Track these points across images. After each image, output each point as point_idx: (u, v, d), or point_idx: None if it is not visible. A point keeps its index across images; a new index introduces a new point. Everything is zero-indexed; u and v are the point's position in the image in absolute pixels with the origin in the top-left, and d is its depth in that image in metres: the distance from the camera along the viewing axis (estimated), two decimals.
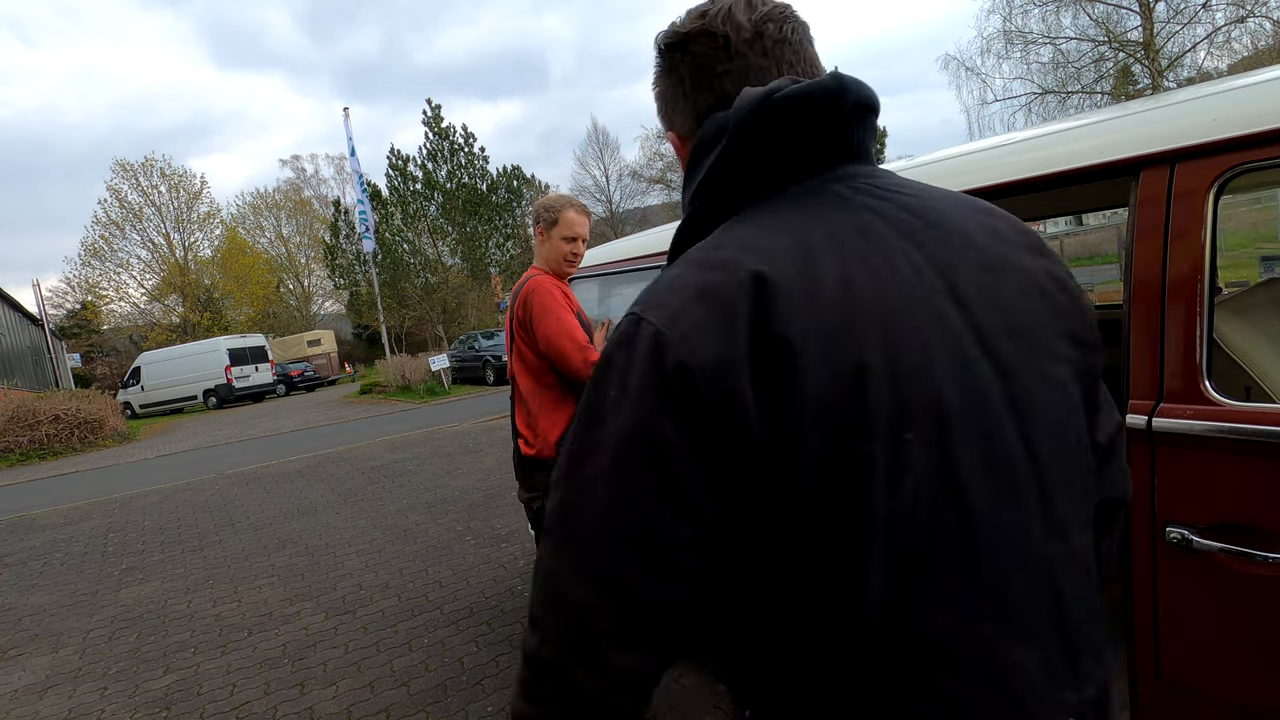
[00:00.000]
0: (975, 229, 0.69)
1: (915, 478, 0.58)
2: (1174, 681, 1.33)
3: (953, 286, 0.63)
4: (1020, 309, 0.66)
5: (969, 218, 0.70)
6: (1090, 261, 19.74)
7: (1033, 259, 0.70)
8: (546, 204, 2.46)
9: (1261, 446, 1.16)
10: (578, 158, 39.83)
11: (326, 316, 43.22)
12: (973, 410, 0.60)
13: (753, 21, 0.71)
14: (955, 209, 0.70)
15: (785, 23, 0.73)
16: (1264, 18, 15.31)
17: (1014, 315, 0.65)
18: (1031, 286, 0.68)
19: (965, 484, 0.59)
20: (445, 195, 27.71)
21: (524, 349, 2.36)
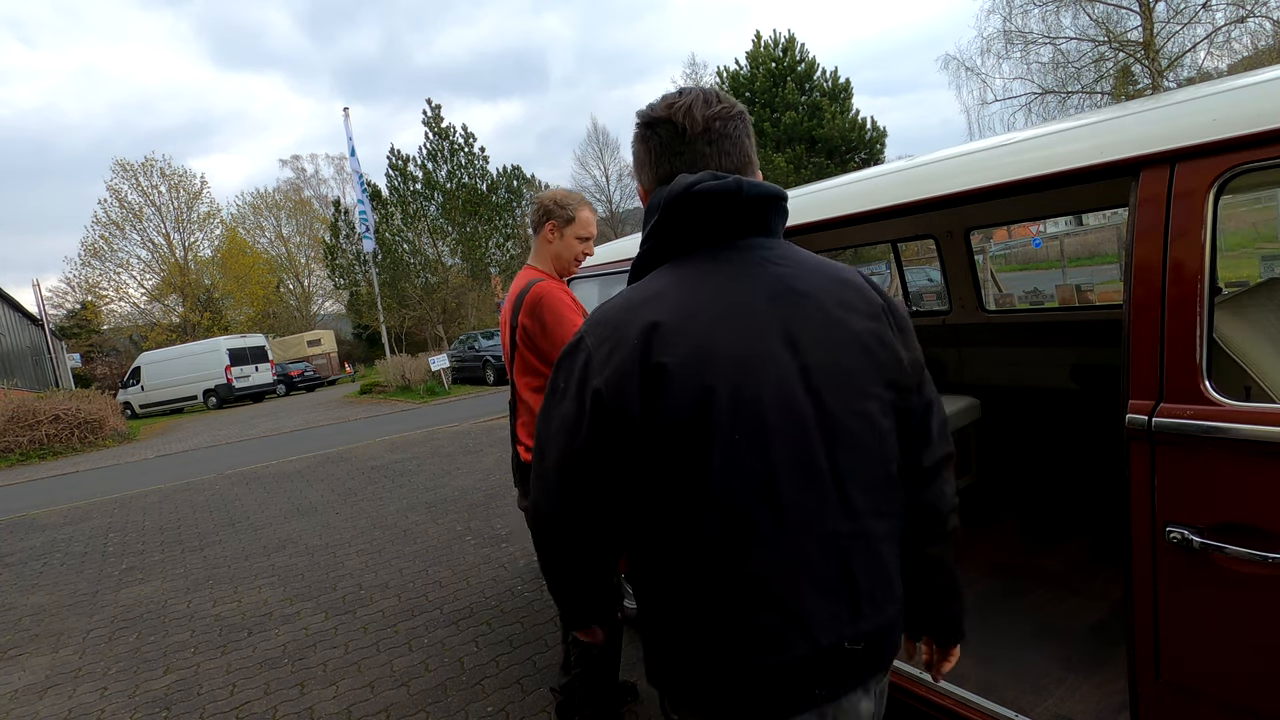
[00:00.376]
0: (826, 298, 0.97)
1: (739, 468, 0.90)
2: (1174, 681, 1.33)
3: (794, 340, 0.93)
4: (844, 360, 0.95)
5: (825, 288, 0.98)
6: (1090, 261, 19.74)
7: (866, 323, 0.98)
8: (559, 200, 2.26)
9: (1261, 446, 1.16)
10: (578, 158, 39.87)
11: (326, 316, 43.20)
12: (790, 427, 0.91)
13: (705, 118, 1.00)
14: (816, 280, 0.98)
15: (729, 121, 1.01)
16: (1264, 18, 15.31)
17: (838, 364, 0.94)
18: (857, 344, 0.96)
19: (777, 477, 0.91)
20: (445, 195, 27.70)
21: (531, 359, 2.16)
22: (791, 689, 0.94)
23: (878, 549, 0.98)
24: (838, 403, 0.94)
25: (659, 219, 0.99)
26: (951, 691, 1.81)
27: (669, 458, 0.91)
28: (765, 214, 1.00)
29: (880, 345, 0.98)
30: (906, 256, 13.74)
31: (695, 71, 42.87)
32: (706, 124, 1.00)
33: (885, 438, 0.98)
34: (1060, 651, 1.94)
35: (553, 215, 2.25)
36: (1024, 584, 2.36)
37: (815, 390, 0.93)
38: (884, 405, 0.98)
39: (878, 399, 0.97)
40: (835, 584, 0.94)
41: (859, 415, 0.95)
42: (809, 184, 2.51)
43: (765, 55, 25.20)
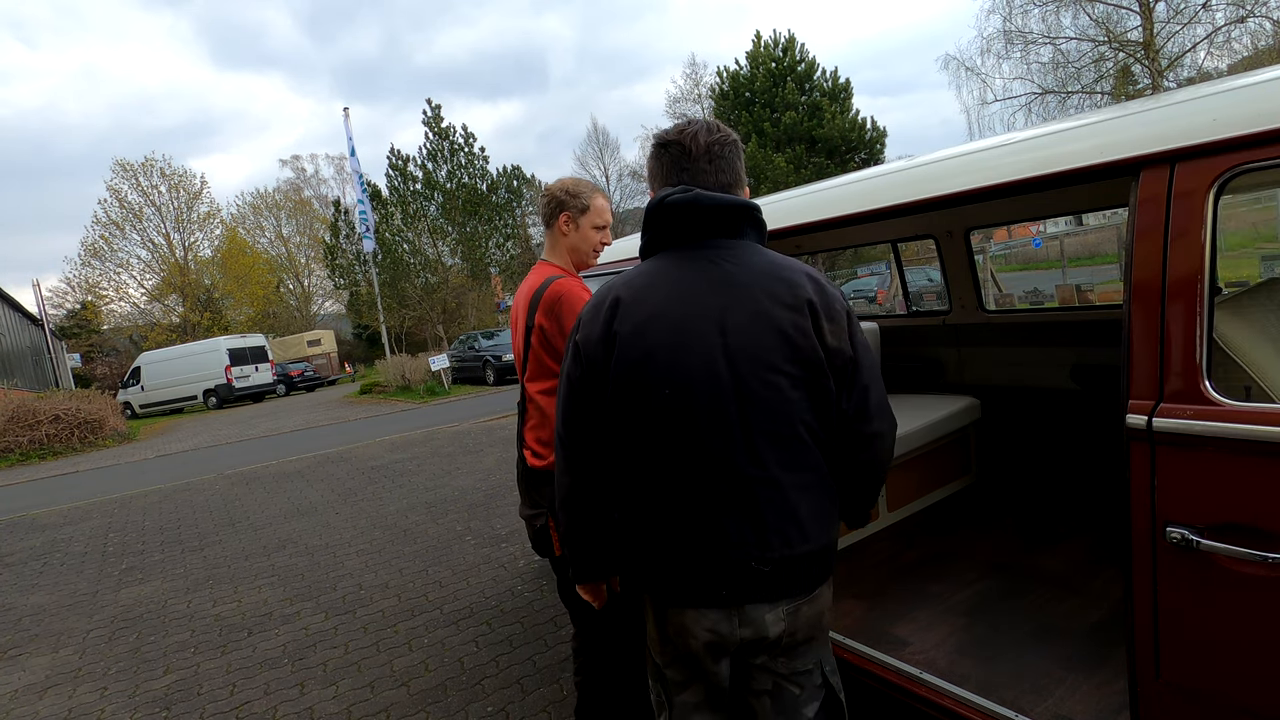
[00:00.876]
0: (758, 291, 1.24)
1: (668, 413, 1.24)
2: (1174, 681, 1.33)
3: (724, 323, 1.23)
4: (761, 340, 1.22)
5: (760, 284, 1.25)
6: (1090, 261, 19.75)
7: (788, 314, 1.23)
8: (571, 189, 2.12)
9: (1261, 446, 1.16)
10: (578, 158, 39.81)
11: (326, 316, 43.19)
12: (710, 387, 1.22)
13: (707, 144, 1.31)
14: (754, 277, 1.25)
15: (726, 146, 1.33)
16: (1264, 18, 15.31)
17: (756, 343, 1.22)
18: (775, 329, 1.22)
19: (698, 423, 1.23)
20: (445, 195, 27.72)
21: (546, 361, 2.00)
22: (704, 586, 1.27)
23: (786, 495, 1.25)
24: (751, 373, 1.22)
25: (644, 222, 1.33)
26: (951, 691, 1.81)
27: (621, 402, 1.28)
28: (727, 220, 1.29)
29: (797, 332, 1.23)
30: (906, 256, 13.74)
31: (695, 71, 42.90)
32: (709, 148, 1.31)
33: (793, 405, 1.24)
34: (1060, 651, 1.94)
35: (566, 206, 2.11)
36: (1024, 584, 2.36)
37: (733, 361, 1.22)
38: (794, 380, 1.23)
39: (787, 375, 1.23)
40: (745, 515, 1.24)
41: (768, 384, 1.22)
42: (809, 184, 2.51)
43: (765, 55, 25.19)
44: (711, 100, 28.42)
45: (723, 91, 26.42)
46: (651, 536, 1.30)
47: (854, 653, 2.06)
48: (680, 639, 1.33)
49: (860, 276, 24.04)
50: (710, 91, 28.96)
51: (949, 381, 3.59)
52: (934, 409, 3.06)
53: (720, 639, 1.29)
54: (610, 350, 1.27)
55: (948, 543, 2.75)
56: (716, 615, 1.27)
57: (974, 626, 2.13)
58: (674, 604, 1.31)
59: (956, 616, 2.20)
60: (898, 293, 16.71)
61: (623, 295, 1.28)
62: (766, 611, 1.27)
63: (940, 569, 2.54)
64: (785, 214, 2.18)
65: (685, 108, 33.07)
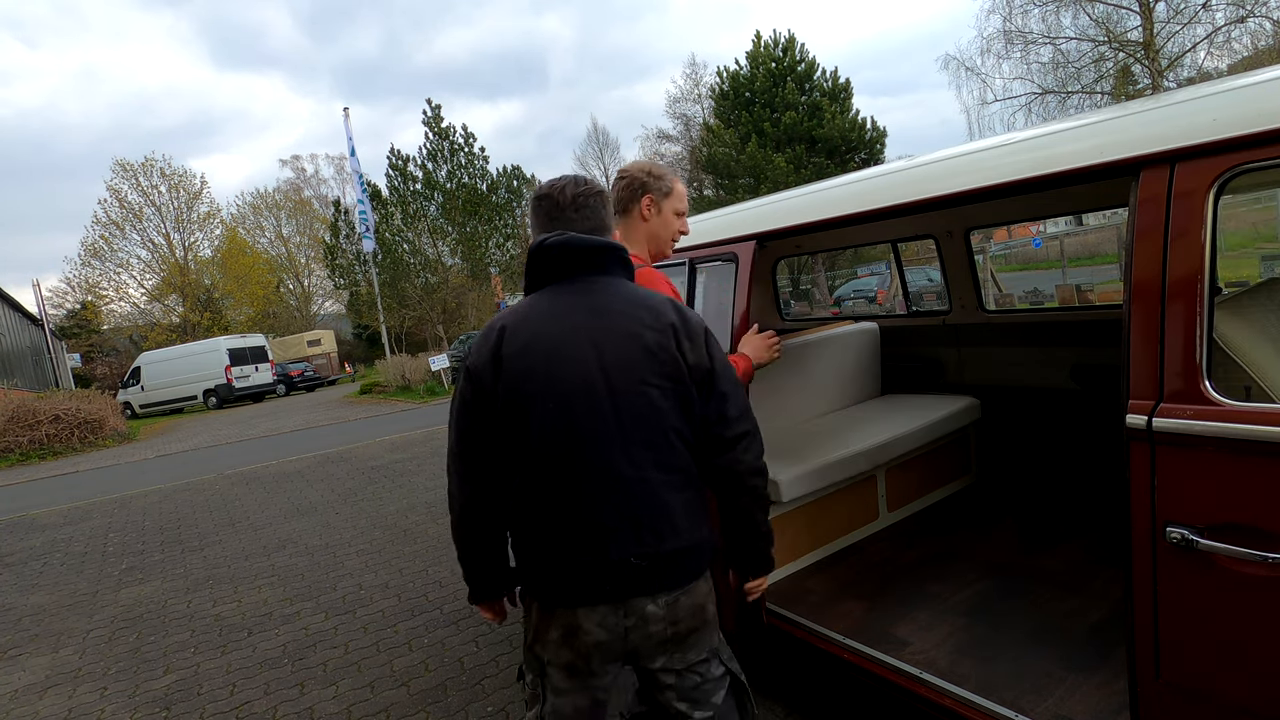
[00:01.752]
0: (625, 318, 1.41)
1: (550, 426, 1.36)
2: (1174, 681, 1.33)
3: (598, 343, 1.39)
4: (631, 358, 1.39)
5: (627, 311, 1.42)
6: (1090, 261, 19.74)
7: (653, 335, 1.40)
8: (654, 171, 1.92)
9: (1261, 446, 1.16)
10: (578, 158, 39.73)
11: (326, 316, 43.17)
12: (587, 400, 1.36)
13: (573, 195, 1.51)
14: (622, 306, 1.43)
15: (590, 197, 1.52)
16: (1264, 18, 15.30)
17: (627, 360, 1.38)
18: (642, 348, 1.39)
19: (579, 433, 1.36)
20: (445, 195, 27.68)
21: None
22: (589, 585, 1.39)
23: (657, 493, 1.39)
24: (624, 385, 1.38)
25: (526, 264, 1.49)
26: (951, 691, 1.81)
27: (508, 417, 1.40)
28: (596, 259, 1.47)
29: (661, 350, 1.40)
30: (906, 256, 13.74)
31: (695, 71, 42.84)
32: (574, 200, 1.51)
33: (663, 412, 1.40)
34: (1060, 651, 1.94)
35: (649, 189, 1.89)
36: (1024, 584, 2.36)
37: (608, 375, 1.38)
38: (663, 391, 1.40)
39: (656, 386, 1.40)
40: (622, 514, 1.37)
41: (639, 395, 1.38)
42: (809, 184, 2.51)
43: (765, 55, 25.19)
44: (711, 100, 28.42)
45: (723, 91, 26.41)
46: (542, 543, 1.42)
47: (854, 653, 2.06)
48: (572, 639, 1.42)
49: (860, 276, 24.06)
50: (710, 91, 28.96)
51: (949, 381, 3.59)
52: (934, 409, 3.06)
53: (609, 634, 1.41)
54: (498, 371, 1.40)
55: (948, 543, 2.75)
56: (605, 610, 1.40)
57: (974, 626, 2.13)
58: (565, 604, 1.41)
59: (956, 616, 2.20)
60: (898, 293, 16.72)
61: (508, 323, 1.44)
62: (648, 604, 1.41)
63: (940, 569, 2.54)
64: (785, 214, 2.18)
65: (685, 108, 33.05)
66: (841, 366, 3.36)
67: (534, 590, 1.46)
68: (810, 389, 3.19)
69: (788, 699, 2.48)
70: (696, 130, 31.07)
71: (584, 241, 1.45)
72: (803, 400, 3.17)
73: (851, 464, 2.67)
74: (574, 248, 1.45)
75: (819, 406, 3.28)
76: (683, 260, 2.51)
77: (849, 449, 2.69)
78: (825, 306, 22.10)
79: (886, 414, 3.09)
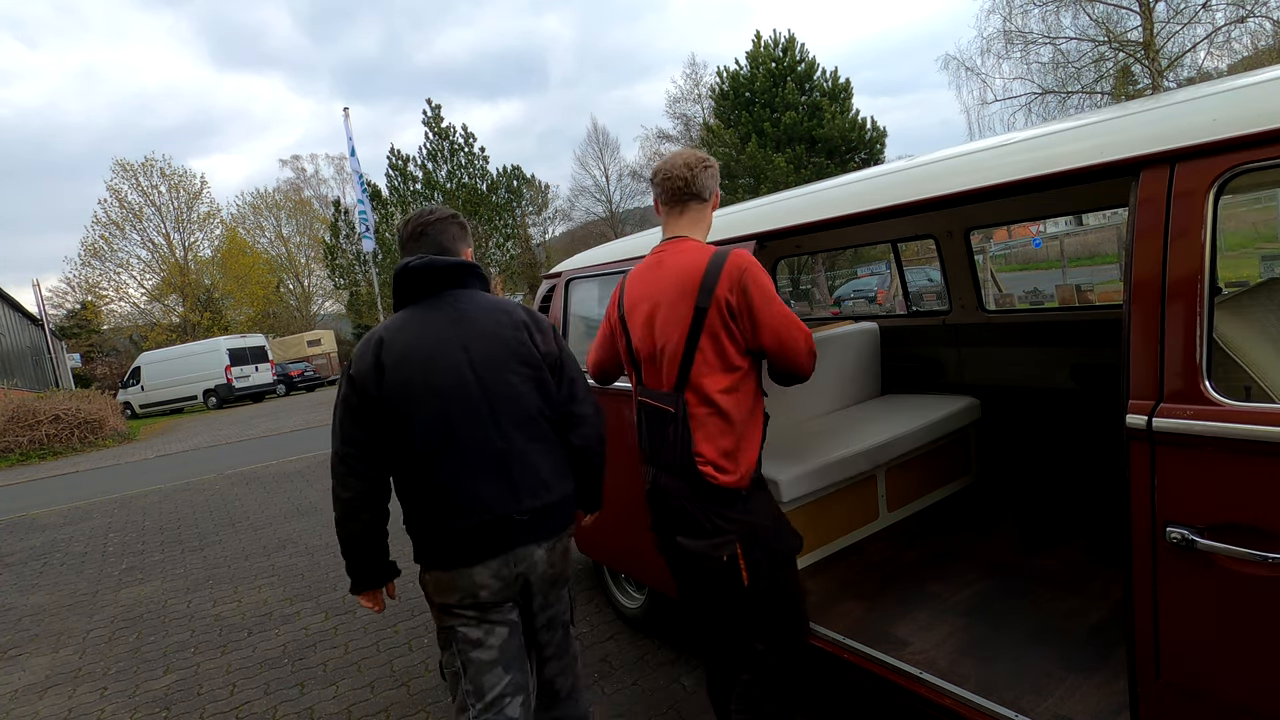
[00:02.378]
0: (486, 319, 1.72)
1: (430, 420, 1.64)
2: (1174, 682, 1.33)
3: (466, 344, 1.67)
4: (495, 353, 1.69)
5: (486, 314, 1.73)
6: (1090, 261, 19.75)
7: (510, 331, 1.72)
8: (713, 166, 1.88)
9: (1261, 446, 1.16)
10: (578, 158, 39.78)
11: (326, 316, 43.16)
12: (461, 393, 1.66)
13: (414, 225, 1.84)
14: (481, 312, 1.73)
15: (430, 226, 1.83)
16: (1264, 18, 15.30)
17: (491, 355, 1.69)
18: (502, 343, 1.71)
19: (453, 422, 1.65)
20: (445, 195, 27.69)
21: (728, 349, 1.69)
22: (480, 542, 1.67)
23: (530, 459, 1.71)
24: (491, 376, 1.69)
25: (394, 284, 1.74)
26: (951, 691, 1.81)
27: (391, 421, 1.65)
28: (455, 276, 1.75)
29: (518, 343, 1.73)
30: (906, 256, 13.74)
31: (695, 71, 42.84)
32: (414, 230, 1.84)
33: (525, 395, 1.73)
34: (1060, 651, 1.94)
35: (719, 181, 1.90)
36: (1024, 584, 2.36)
37: (477, 371, 1.69)
38: (523, 377, 1.73)
39: (517, 373, 1.72)
40: (501, 480, 1.68)
41: (504, 383, 1.70)
42: (809, 184, 2.51)
43: (765, 55, 25.19)
44: (711, 100, 28.42)
45: (723, 91, 26.41)
46: (434, 518, 1.68)
47: (854, 652, 2.06)
48: (472, 593, 1.69)
49: (860, 276, 24.06)
50: (710, 91, 28.96)
51: (949, 381, 3.59)
52: (934, 409, 3.06)
53: (503, 582, 1.70)
54: (380, 377, 1.64)
55: (948, 543, 2.75)
56: (497, 563, 1.68)
57: (974, 626, 2.13)
58: (463, 563, 1.68)
59: (956, 616, 2.20)
60: (898, 293, 16.72)
61: (384, 336, 1.68)
62: (536, 550, 1.73)
63: (940, 569, 2.54)
64: (785, 214, 2.18)
65: (685, 108, 33.08)
66: (841, 366, 3.36)
67: (432, 559, 1.72)
68: (810, 389, 3.19)
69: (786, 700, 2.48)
70: (696, 130, 31.07)
71: (444, 263, 1.74)
72: (803, 400, 3.16)
73: (851, 464, 2.67)
74: (436, 268, 1.73)
75: (819, 406, 3.28)
76: None
77: (849, 449, 2.69)
78: (825, 306, 22.10)
79: (886, 414, 3.09)
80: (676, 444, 1.74)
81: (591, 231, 34.67)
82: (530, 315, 1.80)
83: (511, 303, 1.82)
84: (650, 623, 3.13)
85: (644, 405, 1.84)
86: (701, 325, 1.68)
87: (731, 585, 1.74)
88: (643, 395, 1.85)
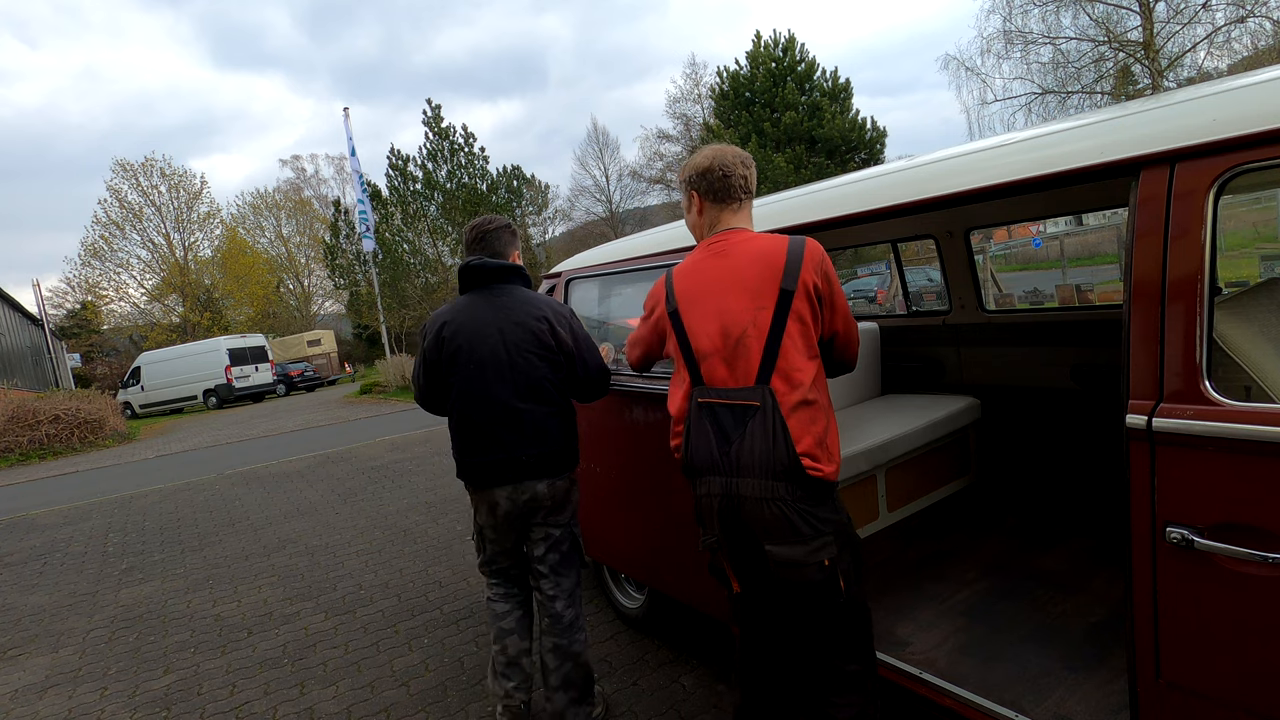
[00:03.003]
0: (519, 311, 2.31)
1: (469, 381, 2.31)
2: (1174, 682, 1.33)
3: (501, 328, 2.29)
4: (522, 337, 2.28)
5: (520, 308, 2.31)
6: (1090, 261, 19.73)
7: (534, 323, 2.29)
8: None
9: (1261, 446, 1.16)
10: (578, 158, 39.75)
11: (326, 316, 43.18)
12: (494, 362, 2.28)
13: (476, 231, 2.47)
14: (517, 304, 2.32)
15: (488, 233, 2.45)
16: (1264, 18, 15.30)
17: (519, 339, 2.28)
18: (528, 330, 2.29)
19: (488, 384, 2.28)
20: (445, 195, 27.67)
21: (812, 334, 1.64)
22: (498, 473, 2.29)
23: (538, 418, 2.28)
24: (516, 356, 2.26)
25: (458, 276, 2.37)
26: (952, 691, 1.81)
27: (447, 375, 2.32)
28: (502, 274, 2.36)
29: (539, 332, 2.28)
30: (906, 256, 13.73)
31: (695, 71, 42.82)
32: (480, 234, 2.44)
33: (540, 371, 2.28)
34: (1060, 651, 1.94)
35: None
36: (1024, 584, 2.36)
37: (509, 350, 2.26)
38: (539, 357, 2.28)
39: (535, 354, 2.27)
40: (515, 432, 2.26)
41: (526, 360, 2.26)
42: (809, 184, 2.51)
43: (765, 55, 25.19)
44: (711, 100, 28.41)
45: (723, 91, 26.41)
46: (470, 451, 2.31)
47: None
48: (493, 509, 2.33)
49: (860, 276, 24.04)
50: (710, 91, 28.96)
51: (949, 381, 3.59)
52: (934, 409, 3.06)
53: (513, 504, 2.31)
54: (440, 345, 2.31)
55: (948, 543, 2.75)
56: (510, 489, 2.29)
57: (974, 626, 2.13)
58: (486, 487, 2.31)
59: (956, 616, 2.20)
60: (898, 293, 16.71)
61: (447, 316, 2.33)
62: (538, 484, 2.30)
63: (940, 569, 2.54)
64: (785, 214, 2.18)
65: (685, 108, 33.06)
66: None
67: (468, 479, 2.36)
68: None
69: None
70: (696, 130, 31.06)
71: (493, 264, 2.35)
72: None
73: (851, 464, 2.67)
74: (487, 268, 2.35)
75: None
76: (683, 259, 2.50)
77: (849, 449, 2.69)
78: None
79: (886, 414, 3.09)
80: (771, 439, 1.58)
81: (591, 231, 34.66)
82: (554, 311, 2.32)
83: (542, 299, 2.35)
84: (650, 623, 3.13)
85: (711, 406, 1.67)
86: (789, 308, 1.60)
87: (828, 596, 1.62)
88: (709, 396, 1.67)
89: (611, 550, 3.12)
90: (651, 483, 2.65)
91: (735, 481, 1.63)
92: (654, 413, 2.56)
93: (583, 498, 2.68)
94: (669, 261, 2.61)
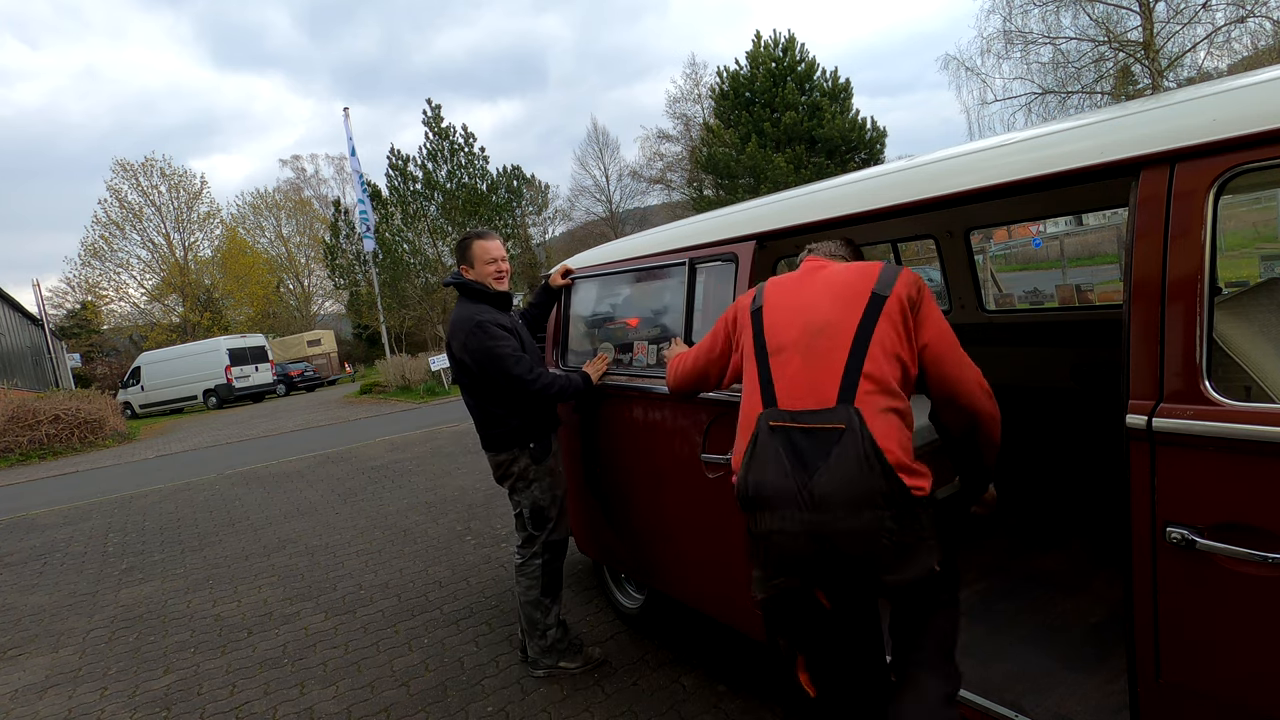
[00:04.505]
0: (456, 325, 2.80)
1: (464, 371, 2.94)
2: (1174, 682, 1.33)
3: (451, 336, 2.88)
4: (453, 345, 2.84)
5: (458, 323, 2.78)
6: (1090, 261, 19.73)
7: (461, 335, 2.74)
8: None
9: (1261, 446, 1.16)
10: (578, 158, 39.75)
11: (326, 316, 43.17)
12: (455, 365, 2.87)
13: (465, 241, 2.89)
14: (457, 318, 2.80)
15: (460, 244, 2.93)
16: (1264, 18, 15.30)
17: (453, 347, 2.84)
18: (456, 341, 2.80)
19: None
20: (445, 195, 27.65)
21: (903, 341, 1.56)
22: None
23: (480, 410, 2.78)
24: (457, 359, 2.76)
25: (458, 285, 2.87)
26: None
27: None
28: (458, 287, 2.84)
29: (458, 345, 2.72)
30: (906, 256, 13.72)
31: (695, 71, 42.80)
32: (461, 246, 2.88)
33: (467, 375, 2.74)
34: (1060, 651, 1.94)
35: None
36: (1024, 584, 2.36)
37: (455, 357, 2.79)
38: (463, 367, 2.73)
39: (459, 363, 2.74)
40: (474, 417, 2.85)
41: (459, 363, 2.74)
42: (809, 184, 2.51)
43: (765, 55, 25.19)
44: (711, 100, 28.41)
45: (723, 91, 26.42)
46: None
47: None
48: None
49: None
50: (710, 91, 28.96)
51: None
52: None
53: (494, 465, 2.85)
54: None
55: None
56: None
57: (974, 627, 2.13)
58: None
59: None
60: None
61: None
62: (491, 455, 2.83)
63: None
64: (785, 214, 2.18)
65: (685, 108, 33.06)
66: None
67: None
68: None
69: (786, 701, 2.48)
70: (696, 130, 31.07)
71: (450, 279, 2.87)
72: None
73: None
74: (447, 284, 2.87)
75: None
76: (683, 260, 2.51)
77: None
78: None
79: None
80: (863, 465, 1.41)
81: (591, 231, 34.65)
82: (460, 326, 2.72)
83: (471, 314, 2.71)
84: (650, 623, 3.13)
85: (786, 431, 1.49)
86: (879, 311, 1.54)
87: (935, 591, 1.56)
88: (781, 419, 1.51)
89: (611, 550, 3.12)
90: (652, 482, 2.65)
91: (822, 519, 1.43)
92: (655, 412, 2.56)
93: (583, 497, 2.68)
94: (669, 261, 2.61)
